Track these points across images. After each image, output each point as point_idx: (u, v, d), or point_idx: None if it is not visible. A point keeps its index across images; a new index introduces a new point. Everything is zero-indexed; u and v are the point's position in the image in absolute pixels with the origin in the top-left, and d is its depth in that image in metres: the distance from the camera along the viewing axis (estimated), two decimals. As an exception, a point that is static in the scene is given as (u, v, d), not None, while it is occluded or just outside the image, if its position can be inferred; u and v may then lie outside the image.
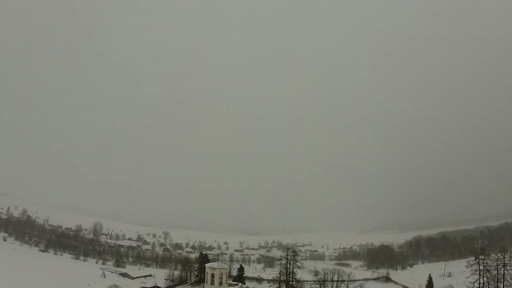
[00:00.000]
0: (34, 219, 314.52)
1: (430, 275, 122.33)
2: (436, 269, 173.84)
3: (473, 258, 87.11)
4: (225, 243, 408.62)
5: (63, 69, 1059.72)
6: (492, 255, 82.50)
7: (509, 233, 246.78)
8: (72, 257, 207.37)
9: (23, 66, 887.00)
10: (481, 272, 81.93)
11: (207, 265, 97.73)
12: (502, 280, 77.23)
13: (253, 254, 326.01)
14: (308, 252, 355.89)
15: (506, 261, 77.49)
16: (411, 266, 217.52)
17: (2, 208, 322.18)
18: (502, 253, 79.55)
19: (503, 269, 77.51)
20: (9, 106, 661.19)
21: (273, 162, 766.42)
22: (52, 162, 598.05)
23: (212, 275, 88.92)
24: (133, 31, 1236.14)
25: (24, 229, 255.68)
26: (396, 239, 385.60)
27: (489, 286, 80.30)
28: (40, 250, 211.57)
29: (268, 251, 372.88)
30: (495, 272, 79.17)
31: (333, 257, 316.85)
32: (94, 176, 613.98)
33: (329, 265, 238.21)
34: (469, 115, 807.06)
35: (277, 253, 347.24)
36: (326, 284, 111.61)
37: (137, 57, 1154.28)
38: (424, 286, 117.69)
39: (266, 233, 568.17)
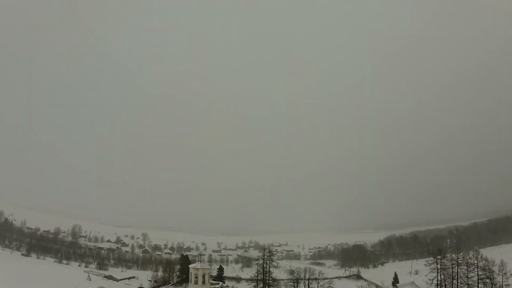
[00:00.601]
0: (11, 222, 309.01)
1: (395, 273, 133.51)
2: (405, 267, 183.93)
3: (431, 258, 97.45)
4: (203, 243, 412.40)
5: (63, 69, 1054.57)
6: (448, 255, 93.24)
7: (476, 233, 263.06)
8: (54, 261, 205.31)
9: (24, 66, 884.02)
10: (439, 271, 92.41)
11: (191, 266, 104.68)
12: (456, 277, 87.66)
13: (231, 255, 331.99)
14: (284, 252, 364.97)
15: (460, 261, 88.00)
16: (382, 265, 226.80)
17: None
18: (456, 254, 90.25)
19: (457, 268, 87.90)
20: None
21: (253, 164, 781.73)
22: (25, 162, 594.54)
23: (196, 275, 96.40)
24: (133, 31, 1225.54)
25: (3, 233, 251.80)
26: (371, 238, 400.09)
27: (445, 283, 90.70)
28: (23, 254, 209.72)
29: (246, 251, 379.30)
30: (450, 270, 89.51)
31: (308, 257, 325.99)
32: (70, 177, 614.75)
33: (304, 264, 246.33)
34: (458, 118, 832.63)
35: (254, 253, 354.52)
36: (299, 282, 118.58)
37: (137, 57, 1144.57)
38: (390, 283, 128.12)
39: (243, 233, 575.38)
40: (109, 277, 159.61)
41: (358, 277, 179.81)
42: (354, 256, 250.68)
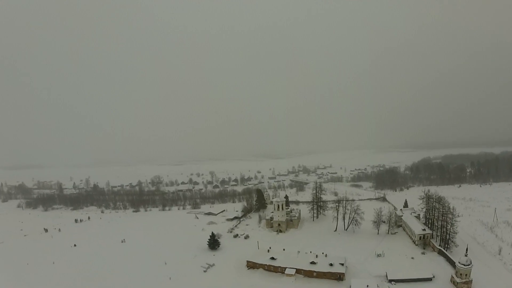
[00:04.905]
0: (97, 185, 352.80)
1: (406, 200, 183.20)
2: (423, 192, 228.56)
3: (423, 194, 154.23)
4: (259, 171, 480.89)
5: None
6: (431, 193, 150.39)
7: (494, 167, 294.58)
8: (159, 210, 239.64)
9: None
10: (425, 202, 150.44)
11: (274, 199, 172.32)
12: (433, 209, 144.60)
13: (285, 180, 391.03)
14: (329, 174, 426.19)
15: (436, 198, 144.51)
16: (407, 189, 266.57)
17: (63, 184, 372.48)
18: (435, 194, 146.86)
19: (434, 203, 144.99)
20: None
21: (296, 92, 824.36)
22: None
23: (277, 205, 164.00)
24: (133, 31, 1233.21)
25: (101, 197, 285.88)
26: (407, 159, 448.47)
27: (428, 211, 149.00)
28: (134, 211, 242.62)
29: (296, 175, 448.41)
30: (431, 204, 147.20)
31: (349, 179, 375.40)
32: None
33: (345, 186, 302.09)
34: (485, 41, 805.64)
35: (303, 177, 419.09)
36: (340, 202, 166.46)
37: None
38: (402, 205, 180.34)
39: (290, 156, 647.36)
40: (209, 213, 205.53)
41: (384, 199, 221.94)
42: (386, 180, 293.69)
